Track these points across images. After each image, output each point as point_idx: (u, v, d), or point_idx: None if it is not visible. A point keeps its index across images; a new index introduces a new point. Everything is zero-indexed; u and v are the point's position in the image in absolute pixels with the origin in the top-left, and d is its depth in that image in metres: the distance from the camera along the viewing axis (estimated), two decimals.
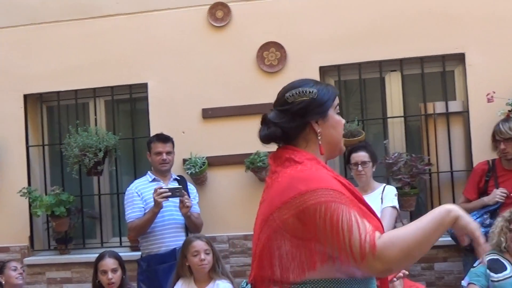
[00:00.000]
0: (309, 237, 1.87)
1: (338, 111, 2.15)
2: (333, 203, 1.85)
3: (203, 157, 5.40)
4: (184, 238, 4.58)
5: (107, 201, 5.99)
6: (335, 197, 1.87)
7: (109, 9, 5.75)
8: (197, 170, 5.30)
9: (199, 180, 5.38)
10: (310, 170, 1.97)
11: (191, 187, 5.06)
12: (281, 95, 2.12)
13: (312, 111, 2.06)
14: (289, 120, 2.06)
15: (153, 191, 4.59)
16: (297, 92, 2.07)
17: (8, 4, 5.94)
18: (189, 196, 4.77)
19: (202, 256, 4.12)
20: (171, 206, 4.71)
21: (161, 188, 4.56)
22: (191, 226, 4.76)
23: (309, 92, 2.07)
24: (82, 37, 5.78)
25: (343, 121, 2.17)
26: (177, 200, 4.64)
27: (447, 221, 1.86)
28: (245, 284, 2.09)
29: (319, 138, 2.08)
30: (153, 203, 4.58)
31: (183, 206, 4.62)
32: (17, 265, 5.34)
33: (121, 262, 4.38)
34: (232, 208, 5.46)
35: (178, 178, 5.01)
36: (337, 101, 2.14)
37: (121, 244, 5.76)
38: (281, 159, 2.06)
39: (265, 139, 2.11)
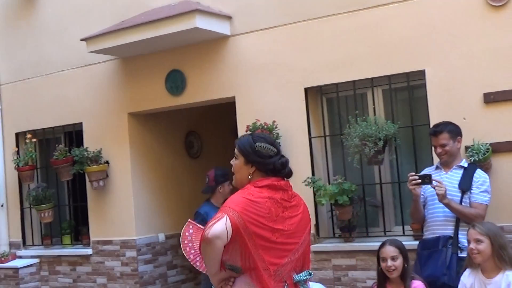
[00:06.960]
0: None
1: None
2: None
3: (486, 144, 5.12)
4: (452, 228, 4.63)
5: (389, 190, 6.00)
6: None
7: None
8: (480, 157, 5.05)
9: (483, 167, 5.07)
10: None
11: (478, 175, 4.82)
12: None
13: None
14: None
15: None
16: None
17: (284, 4, 6.27)
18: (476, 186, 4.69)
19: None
20: None
21: (413, 175, 4.64)
22: (459, 216, 4.64)
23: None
24: (357, 28, 5.86)
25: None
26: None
27: None
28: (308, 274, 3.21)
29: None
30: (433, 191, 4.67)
31: (437, 194, 4.61)
32: None
33: (403, 251, 4.45)
34: None
35: (464, 166, 4.86)
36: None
37: (404, 233, 5.73)
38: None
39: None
